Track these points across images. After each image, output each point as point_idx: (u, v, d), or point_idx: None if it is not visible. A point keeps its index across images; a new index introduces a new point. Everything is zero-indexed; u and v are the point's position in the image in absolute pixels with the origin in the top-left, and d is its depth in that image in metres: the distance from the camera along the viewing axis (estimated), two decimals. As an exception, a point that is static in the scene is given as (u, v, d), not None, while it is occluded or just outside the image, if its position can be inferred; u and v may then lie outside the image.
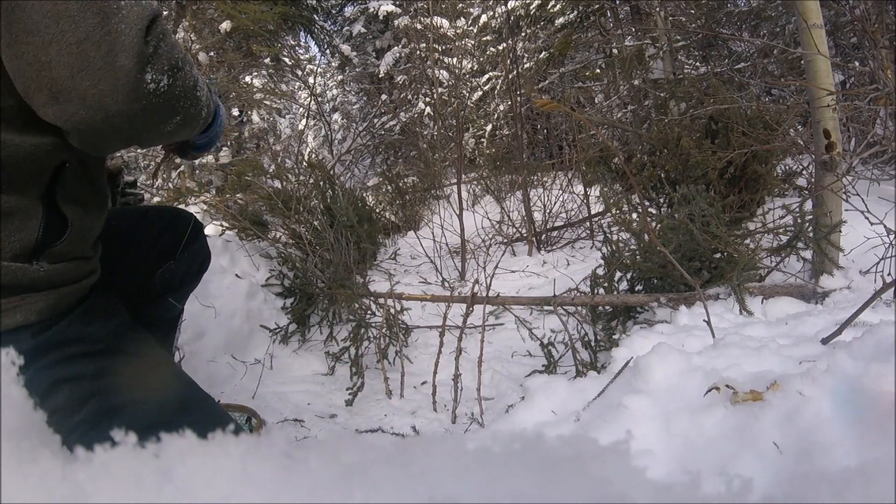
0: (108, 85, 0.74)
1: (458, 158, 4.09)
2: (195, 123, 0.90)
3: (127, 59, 0.74)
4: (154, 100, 0.77)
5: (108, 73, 0.73)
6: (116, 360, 0.89)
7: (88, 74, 0.73)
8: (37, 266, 0.80)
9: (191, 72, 0.84)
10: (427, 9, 8.68)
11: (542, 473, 0.35)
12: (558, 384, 1.13)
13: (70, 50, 0.72)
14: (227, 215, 3.15)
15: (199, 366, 2.00)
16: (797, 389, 0.74)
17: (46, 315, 0.82)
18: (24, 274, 0.79)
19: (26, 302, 0.80)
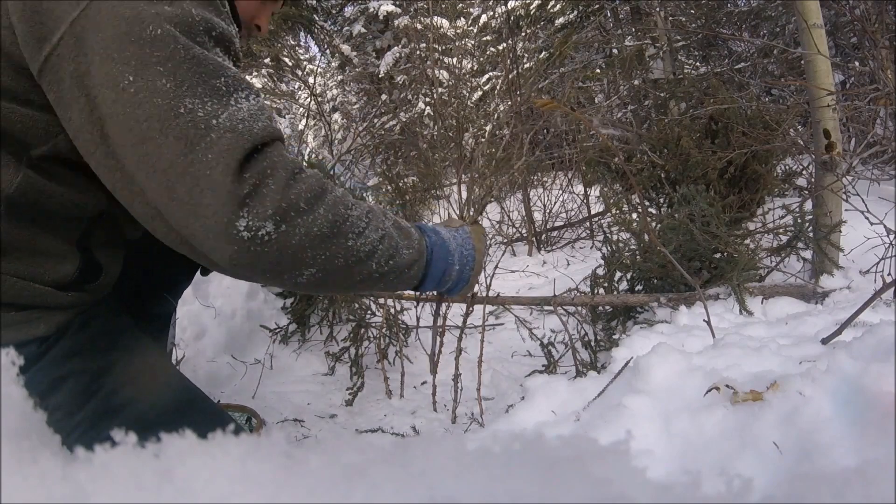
0: (197, 225, 0.64)
1: (458, 158, 4.10)
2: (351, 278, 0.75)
3: (213, 199, 0.63)
4: (255, 248, 0.65)
5: (194, 210, 0.63)
6: (117, 361, 0.89)
7: (178, 208, 0.64)
8: (68, 293, 0.81)
9: (328, 215, 0.70)
10: (427, 9, 8.69)
11: (542, 473, 0.34)
12: (558, 384, 1.13)
13: (157, 178, 0.64)
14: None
15: (199, 366, 2.00)
16: (797, 389, 0.74)
17: (63, 328, 0.82)
18: (53, 297, 0.79)
19: (48, 315, 0.80)
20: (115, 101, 0.64)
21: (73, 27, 0.66)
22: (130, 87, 0.64)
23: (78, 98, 0.66)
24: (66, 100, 0.67)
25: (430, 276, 0.88)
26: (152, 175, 0.64)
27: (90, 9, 0.66)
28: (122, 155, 0.65)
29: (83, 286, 0.83)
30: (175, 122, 0.63)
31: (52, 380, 0.82)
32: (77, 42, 0.66)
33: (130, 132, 0.64)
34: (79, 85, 0.66)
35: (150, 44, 0.65)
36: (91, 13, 0.66)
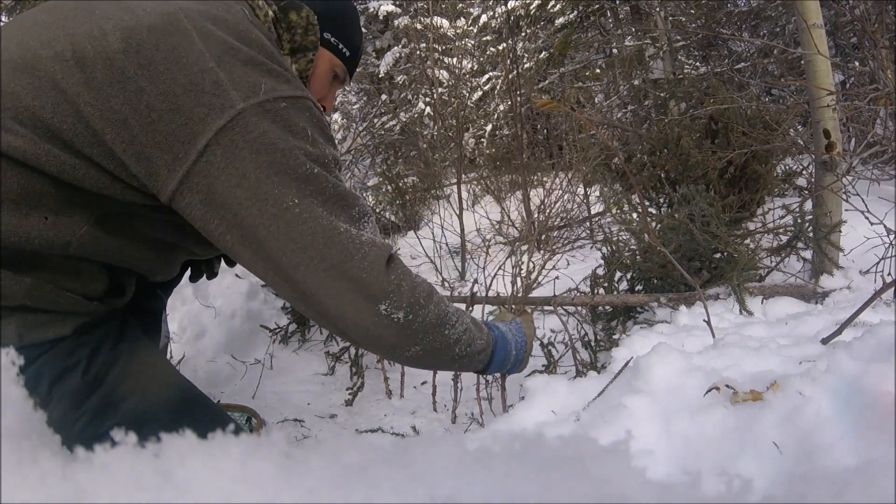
0: (348, 308, 0.85)
1: (458, 158, 4.09)
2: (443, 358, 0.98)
3: (366, 290, 0.84)
4: (387, 327, 0.87)
5: (347, 298, 0.84)
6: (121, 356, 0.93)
7: (331, 296, 0.84)
8: (92, 303, 0.90)
9: (436, 310, 0.93)
10: (427, 9, 8.68)
11: (542, 473, 0.34)
12: (558, 384, 1.13)
13: (318, 275, 0.83)
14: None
15: (199, 366, 2.00)
16: (797, 389, 0.74)
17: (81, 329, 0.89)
18: (81, 305, 0.88)
19: (73, 317, 0.88)
20: (276, 216, 0.80)
21: (219, 136, 0.78)
22: (295, 208, 0.81)
23: (230, 204, 0.79)
24: (215, 203, 0.80)
25: (493, 363, 1.11)
26: (313, 273, 0.82)
27: (239, 124, 0.78)
28: (277, 256, 0.82)
29: (107, 300, 0.93)
30: (337, 239, 0.83)
31: (61, 369, 0.86)
32: (226, 153, 0.78)
33: (294, 242, 0.81)
34: (231, 193, 0.79)
35: (305, 179, 0.83)
36: (239, 127, 0.78)
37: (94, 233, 0.84)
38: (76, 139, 0.77)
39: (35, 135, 0.76)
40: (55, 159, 0.77)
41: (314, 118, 0.88)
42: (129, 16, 0.80)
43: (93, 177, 0.80)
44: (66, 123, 0.76)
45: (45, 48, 0.78)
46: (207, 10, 0.86)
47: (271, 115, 0.81)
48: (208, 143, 0.77)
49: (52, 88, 0.76)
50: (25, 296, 0.80)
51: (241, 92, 0.80)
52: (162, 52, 0.78)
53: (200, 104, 0.77)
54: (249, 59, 0.83)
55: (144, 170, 0.79)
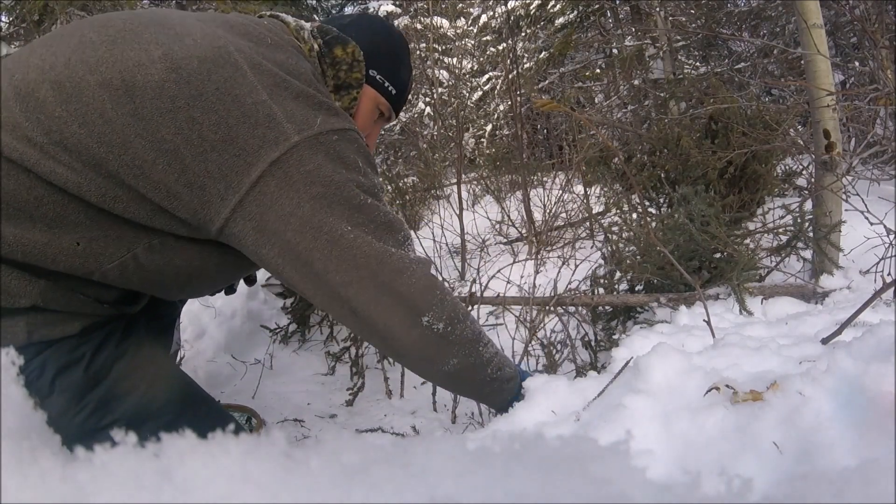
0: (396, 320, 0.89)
1: (458, 158, 4.09)
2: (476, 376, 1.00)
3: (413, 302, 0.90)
4: (428, 334, 0.91)
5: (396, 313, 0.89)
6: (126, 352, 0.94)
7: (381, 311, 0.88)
8: (104, 306, 0.91)
9: (472, 327, 0.98)
10: (427, 9, 8.68)
11: (542, 473, 0.35)
12: (558, 384, 1.13)
13: (368, 293, 0.87)
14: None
15: (199, 366, 2.00)
16: (797, 389, 0.74)
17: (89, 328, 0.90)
18: (92, 307, 0.89)
19: (82, 317, 0.89)
20: (331, 242, 0.84)
21: (273, 168, 0.80)
22: (350, 234, 0.85)
23: (284, 231, 0.82)
24: (269, 230, 0.82)
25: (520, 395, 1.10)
26: (363, 291, 0.86)
27: (293, 156, 0.81)
28: (328, 279, 0.85)
29: (119, 306, 0.94)
30: (388, 260, 0.88)
31: (66, 361, 0.87)
32: (280, 183, 0.81)
33: (346, 263, 0.85)
34: (285, 222, 0.82)
35: (357, 209, 0.87)
36: (293, 160, 0.81)
37: (118, 271, 0.85)
38: (122, 170, 0.77)
39: (80, 163, 0.76)
40: (97, 189, 0.77)
41: (361, 149, 0.92)
42: (178, 45, 0.80)
43: (134, 209, 0.80)
44: (113, 154, 0.76)
45: (93, 74, 0.77)
46: (257, 45, 0.88)
47: (324, 147, 0.84)
48: (262, 174, 0.79)
49: (99, 117, 0.76)
50: (39, 296, 0.81)
51: (295, 125, 0.82)
52: (213, 84, 0.79)
53: (254, 136, 0.79)
54: (300, 92, 0.86)
55: (198, 199, 0.79)
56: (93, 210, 0.79)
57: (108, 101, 0.76)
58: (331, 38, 1.02)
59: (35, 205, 0.77)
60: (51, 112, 0.76)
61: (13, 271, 0.79)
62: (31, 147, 0.76)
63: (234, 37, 0.86)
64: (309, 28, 1.02)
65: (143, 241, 0.84)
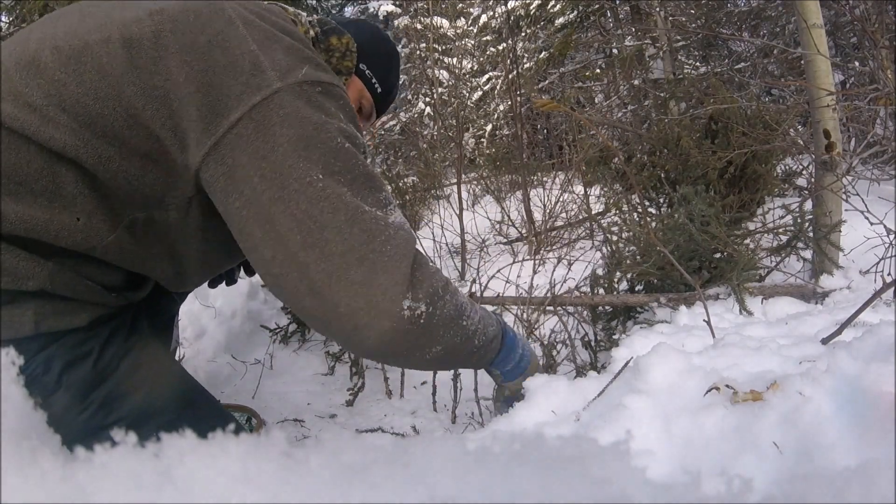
0: (362, 301, 0.74)
1: (458, 158, 4.09)
2: (463, 354, 0.89)
3: (387, 280, 0.75)
4: (408, 326, 0.76)
5: (364, 289, 0.74)
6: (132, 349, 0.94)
7: (345, 286, 0.74)
8: (111, 294, 0.90)
9: (453, 300, 0.84)
10: (427, 9, 8.68)
11: (542, 473, 0.35)
12: (558, 384, 1.13)
13: (332, 259, 0.74)
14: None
15: (199, 366, 2.00)
16: (797, 389, 0.74)
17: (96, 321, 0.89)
18: (100, 295, 0.88)
19: (90, 307, 0.88)
20: (298, 192, 0.75)
21: (253, 112, 0.77)
22: (319, 182, 0.76)
23: (252, 177, 0.76)
24: (238, 176, 0.77)
25: (504, 348, 1.03)
26: (326, 257, 0.74)
27: (273, 101, 0.78)
28: (290, 237, 0.75)
29: (124, 292, 0.93)
30: (361, 217, 0.76)
31: (74, 356, 0.86)
32: (258, 127, 0.76)
33: (311, 220, 0.74)
34: (256, 165, 0.76)
35: (334, 153, 0.78)
36: (274, 105, 0.78)
37: (119, 243, 0.84)
38: (116, 123, 0.78)
39: (77, 123, 0.77)
40: (93, 150, 0.78)
41: (347, 106, 0.87)
42: (176, 4, 0.83)
43: (125, 170, 0.80)
44: (108, 108, 0.77)
45: (92, 34, 0.79)
46: (253, 8, 0.89)
47: (307, 95, 0.81)
48: (241, 117, 0.77)
49: (96, 73, 0.77)
50: (47, 279, 0.81)
51: (279, 73, 0.80)
52: (206, 36, 0.80)
53: (238, 83, 0.78)
54: (290, 47, 0.85)
55: (179, 143, 0.79)
56: (88, 181, 0.79)
57: (105, 55, 0.78)
58: (328, 28, 1.06)
59: (35, 178, 0.77)
60: (51, 76, 0.77)
61: (20, 252, 0.79)
62: (32, 113, 0.76)
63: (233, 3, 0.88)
64: (306, 16, 1.05)
65: (137, 215, 0.84)
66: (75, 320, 0.86)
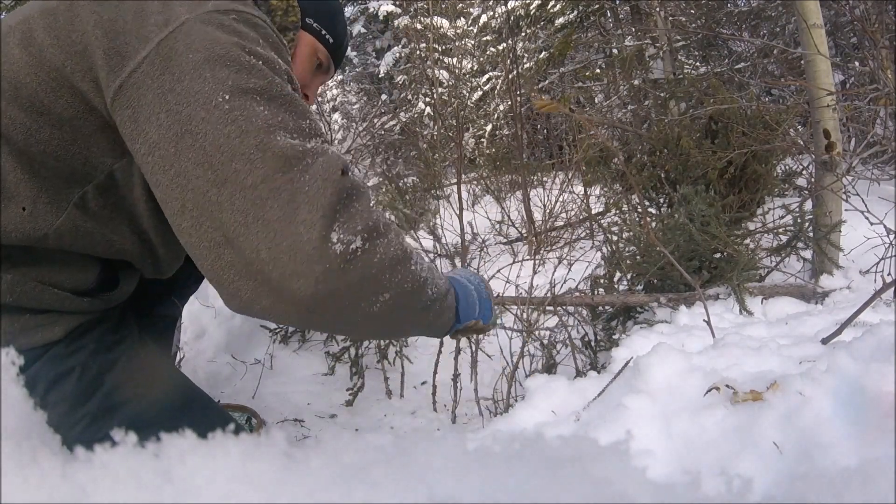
0: (285, 241, 0.62)
1: (458, 158, 4.09)
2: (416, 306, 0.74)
3: (310, 213, 0.62)
4: (343, 265, 0.62)
5: (285, 226, 0.62)
6: (119, 360, 0.91)
7: (263, 226, 0.62)
8: (84, 299, 0.85)
9: (398, 240, 0.70)
10: (427, 9, 8.69)
11: (542, 473, 0.35)
12: (558, 384, 1.13)
13: (244, 194, 0.62)
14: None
15: (199, 366, 2.00)
16: (797, 389, 0.74)
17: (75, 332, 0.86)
18: (70, 302, 0.83)
19: (64, 319, 0.84)
20: (204, 120, 0.64)
21: (160, 47, 0.69)
22: (225, 104, 0.65)
23: (157, 114, 0.66)
24: (142, 117, 0.67)
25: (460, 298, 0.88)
26: (238, 192, 0.63)
27: (180, 31, 0.69)
28: (197, 174, 0.64)
29: (99, 294, 0.88)
30: (272, 142, 0.64)
31: (56, 374, 0.83)
32: (163, 61, 0.68)
33: (219, 150, 0.63)
34: (161, 101, 0.66)
35: (246, 70, 0.67)
36: (181, 35, 0.69)
37: (71, 222, 0.78)
38: (39, 89, 0.73)
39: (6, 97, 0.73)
40: (21, 124, 0.74)
41: (270, 38, 0.76)
42: None
43: (58, 140, 0.75)
44: (30, 76, 0.73)
45: (16, 17, 0.78)
46: None
47: (218, 21, 0.71)
48: (147, 54, 0.69)
49: (17, 46, 0.74)
50: (7, 292, 0.77)
51: (188, 6, 0.72)
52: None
53: (147, 24, 0.71)
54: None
55: (96, 96, 0.73)
56: (24, 160, 0.75)
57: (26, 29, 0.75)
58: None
59: None
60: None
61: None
62: None
63: None
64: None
65: (78, 190, 0.78)
66: (48, 334, 0.81)
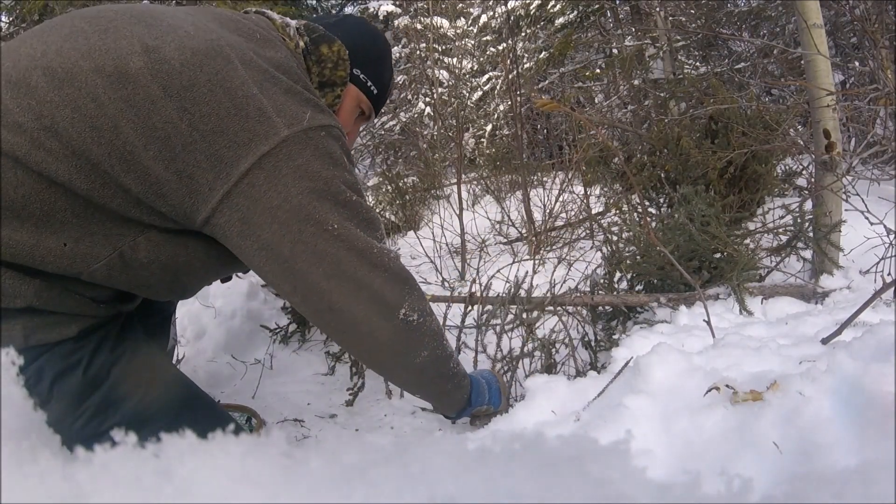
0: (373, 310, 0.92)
1: (458, 158, 4.09)
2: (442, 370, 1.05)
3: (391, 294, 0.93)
4: (404, 327, 0.94)
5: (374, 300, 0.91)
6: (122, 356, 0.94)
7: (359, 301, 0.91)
8: (100, 306, 0.91)
9: (436, 323, 1.03)
10: (427, 9, 8.69)
11: (542, 473, 0.35)
12: (558, 384, 1.13)
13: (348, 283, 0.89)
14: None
15: (199, 366, 2.00)
16: (797, 389, 0.74)
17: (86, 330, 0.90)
18: (89, 307, 0.89)
19: (79, 319, 0.89)
20: (317, 235, 0.86)
21: (263, 162, 0.82)
22: (336, 231, 0.88)
23: (270, 224, 0.84)
24: (254, 222, 0.84)
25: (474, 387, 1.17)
26: (343, 285, 0.89)
27: (282, 150, 0.83)
28: (311, 271, 0.87)
29: (115, 304, 0.94)
30: (370, 254, 0.91)
31: (63, 367, 0.86)
32: (269, 177, 0.83)
33: (329, 256, 0.87)
34: (272, 214, 0.83)
35: (344, 205, 0.90)
36: (283, 156, 0.83)
37: (105, 270, 0.85)
38: (112, 156, 0.77)
39: (69, 150, 0.76)
40: (85, 178, 0.77)
41: (345, 146, 0.95)
42: (171, 36, 0.81)
43: (119, 202, 0.80)
44: (104, 139, 0.76)
45: (86, 60, 0.77)
46: (247, 40, 0.89)
47: (313, 143, 0.86)
48: (252, 166, 0.81)
49: (92, 101, 0.76)
50: (34, 296, 0.80)
51: (285, 119, 0.84)
52: (205, 75, 0.79)
53: (244, 129, 0.80)
54: (289, 88, 0.88)
55: (186, 187, 0.80)
56: (79, 206, 0.78)
57: (101, 86, 0.76)
58: (317, 36, 1.04)
59: (22, 203, 0.76)
60: (42, 97, 0.75)
61: (6, 271, 0.78)
62: (21, 135, 0.75)
63: (225, 31, 0.87)
64: (294, 25, 1.04)
65: (129, 238, 0.84)
66: (65, 332, 0.86)
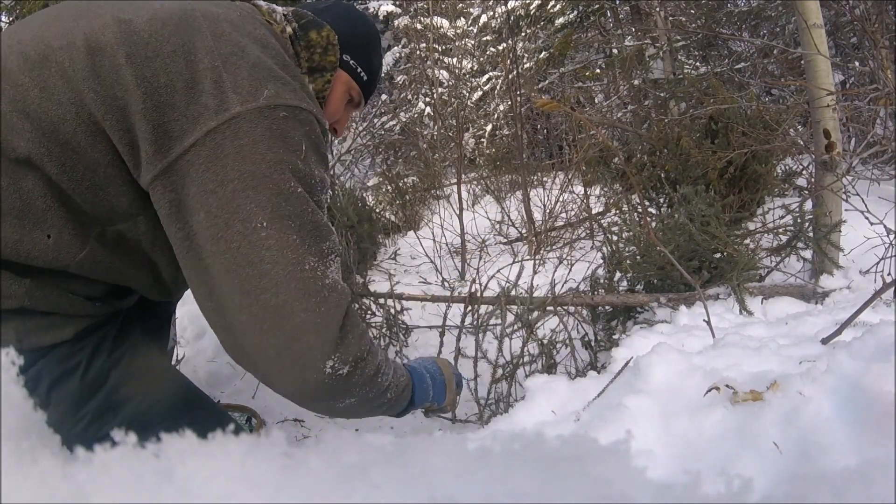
0: (287, 355, 0.76)
1: (458, 158, 4.09)
2: (374, 405, 0.92)
3: (316, 340, 0.76)
4: (328, 381, 0.78)
5: (292, 343, 0.76)
6: (122, 359, 0.93)
7: (272, 338, 0.75)
8: (95, 304, 0.89)
9: (373, 360, 0.85)
10: (427, 9, 8.69)
11: (542, 473, 0.34)
12: (558, 384, 1.13)
13: (265, 309, 0.74)
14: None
15: (199, 366, 2.00)
16: (797, 389, 0.74)
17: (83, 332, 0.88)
18: (83, 307, 0.87)
19: (74, 320, 0.87)
20: (241, 234, 0.74)
21: (208, 138, 0.75)
22: (262, 231, 0.75)
23: (199, 211, 0.75)
24: (184, 207, 0.76)
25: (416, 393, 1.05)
26: (258, 307, 0.74)
27: (230, 127, 0.75)
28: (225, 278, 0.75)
29: (110, 301, 0.92)
30: (300, 275, 0.75)
31: (61, 371, 0.85)
32: (210, 154, 0.75)
33: (250, 266, 0.74)
34: (203, 200, 0.74)
35: (285, 198, 0.76)
36: (230, 133, 0.75)
37: (93, 257, 0.82)
38: (77, 130, 0.76)
39: (39, 130, 0.75)
40: (56, 158, 0.76)
41: (312, 134, 0.84)
42: (144, 10, 0.81)
43: (90, 179, 0.79)
44: (70, 114, 0.75)
45: (59, 39, 0.77)
46: (226, 14, 0.86)
47: (266, 122, 0.77)
48: (195, 142, 0.75)
49: (60, 77, 0.75)
50: (26, 296, 0.79)
51: (240, 96, 0.77)
52: (171, 45, 0.77)
53: (197, 103, 0.76)
54: (258, 62, 0.81)
55: (133, 160, 0.78)
56: (55, 190, 0.77)
57: (68, 59, 0.76)
58: (306, 22, 1.02)
59: (2, 195, 0.75)
60: (15, 80, 0.75)
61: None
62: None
63: (208, 4, 0.85)
64: (282, 11, 1.01)
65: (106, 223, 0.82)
66: (60, 334, 0.84)
